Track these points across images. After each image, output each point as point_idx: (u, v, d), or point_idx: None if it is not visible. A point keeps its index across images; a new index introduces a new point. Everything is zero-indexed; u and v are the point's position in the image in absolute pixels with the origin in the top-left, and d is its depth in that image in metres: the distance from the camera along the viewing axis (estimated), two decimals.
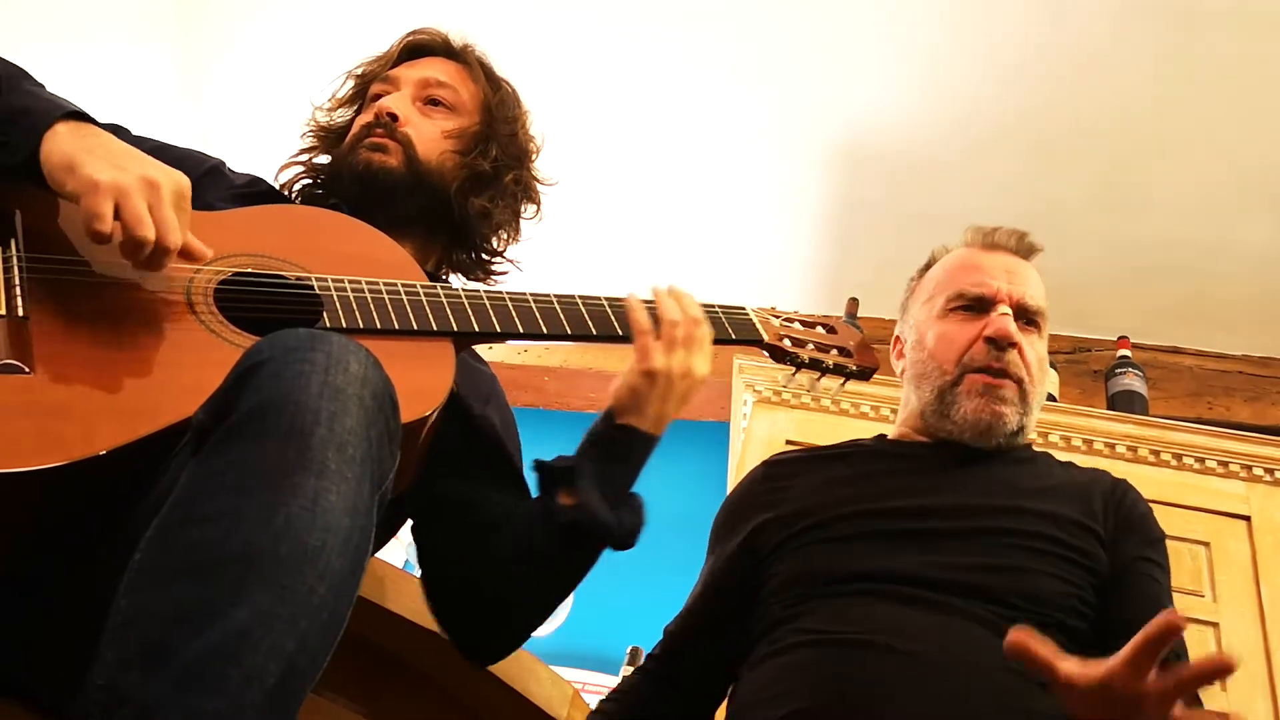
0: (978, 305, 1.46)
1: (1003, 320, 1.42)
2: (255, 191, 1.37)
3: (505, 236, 1.49)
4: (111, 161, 1.02)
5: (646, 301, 1.28)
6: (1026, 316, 1.46)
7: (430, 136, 1.40)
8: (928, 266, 1.58)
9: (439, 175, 1.39)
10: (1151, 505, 1.42)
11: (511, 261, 1.50)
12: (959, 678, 1.16)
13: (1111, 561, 1.32)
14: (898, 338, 1.58)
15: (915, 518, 1.33)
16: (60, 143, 1.04)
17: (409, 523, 1.36)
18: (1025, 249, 1.52)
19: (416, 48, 1.50)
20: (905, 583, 1.26)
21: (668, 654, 1.46)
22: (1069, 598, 1.26)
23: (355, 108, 1.50)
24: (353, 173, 1.37)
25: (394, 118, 1.39)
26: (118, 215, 0.99)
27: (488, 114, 1.46)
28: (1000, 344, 1.41)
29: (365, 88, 1.49)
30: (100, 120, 1.28)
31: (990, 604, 1.23)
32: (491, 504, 1.27)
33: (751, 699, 1.27)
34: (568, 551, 1.21)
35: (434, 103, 1.43)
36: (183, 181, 1.05)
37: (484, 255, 1.47)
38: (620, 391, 1.23)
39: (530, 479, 1.30)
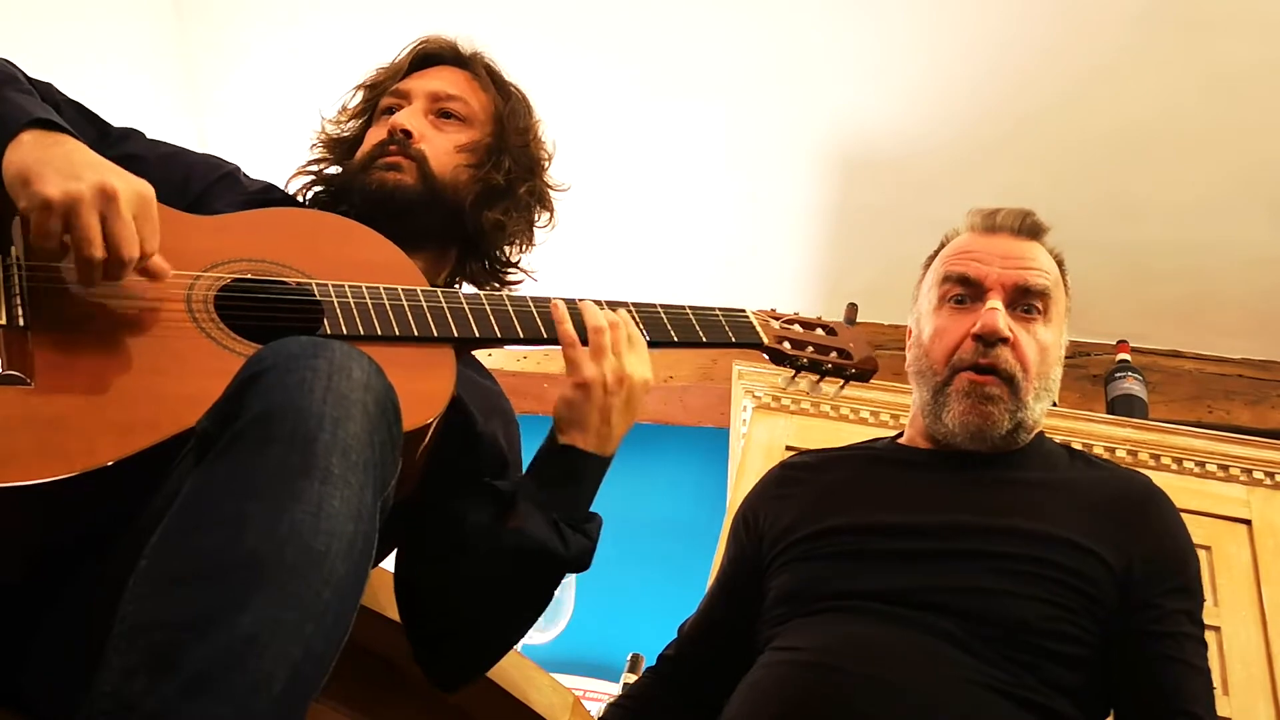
0: (971, 296, 1.40)
1: (991, 315, 1.36)
2: (269, 199, 1.35)
3: (519, 246, 1.48)
4: (68, 173, 0.99)
5: (570, 308, 1.24)
6: (1026, 303, 1.39)
7: (444, 151, 1.38)
8: (938, 250, 1.51)
9: (453, 190, 1.37)
10: None
11: (526, 271, 1.49)
12: (907, 691, 1.14)
13: (1129, 603, 1.25)
14: (909, 329, 1.52)
15: (902, 537, 1.30)
16: (21, 153, 1.01)
17: None
18: (1029, 229, 1.45)
19: (425, 57, 1.48)
20: (879, 600, 1.24)
21: (681, 655, 1.45)
22: (1057, 622, 1.21)
23: (365, 119, 1.48)
24: (367, 191, 1.34)
25: (407, 134, 1.37)
26: (69, 231, 0.97)
27: (499, 124, 1.44)
28: (988, 340, 1.35)
29: (375, 99, 1.47)
30: (113, 125, 1.28)
31: (965, 622, 1.20)
32: (469, 524, 1.21)
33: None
34: (519, 575, 1.17)
35: (445, 115, 1.41)
36: (144, 189, 1.02)
37: (498, 266, 1.47)
38: (558, 408, 1.20)
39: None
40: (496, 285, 1.47)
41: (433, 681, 1.24)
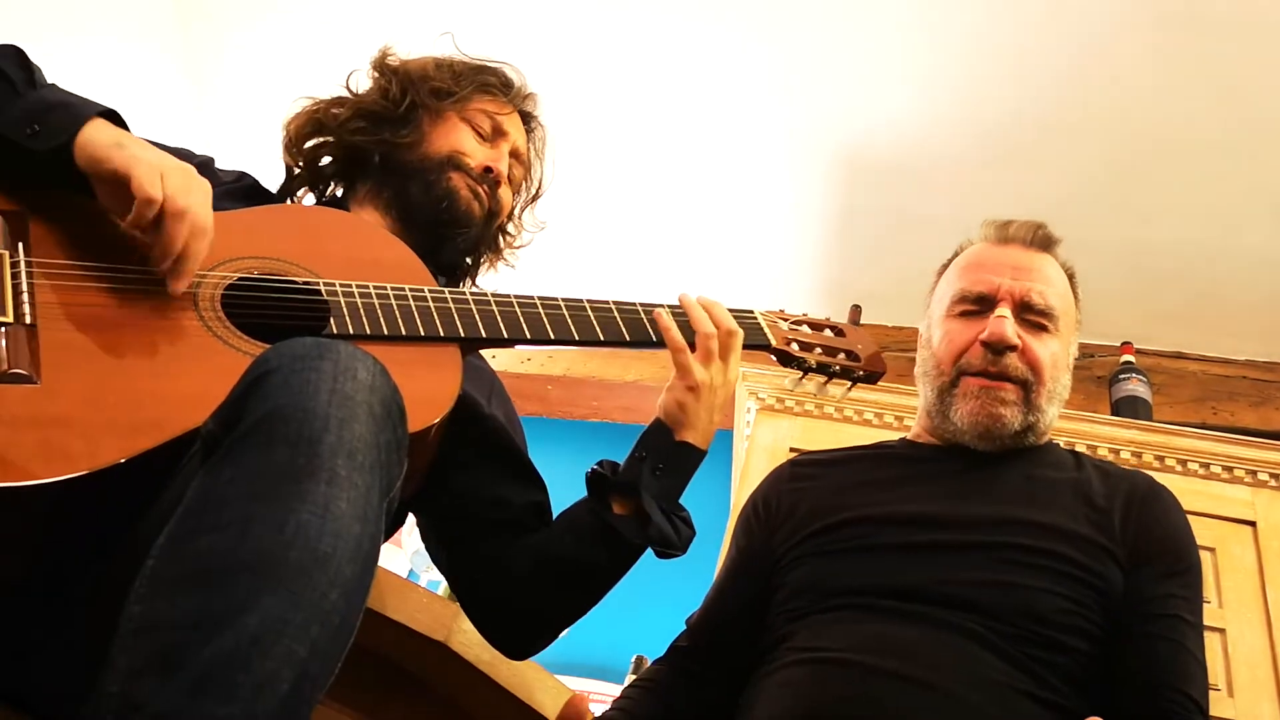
0: (981, 305, 1.42)
1: (998, 323, 1.38)
2: (241, 187, 1.37)
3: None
4: (151, 151, 1.07)
5: (673, 310, 1.29)
6: (1033, 314, 1.41)
7: (505, 205, 1.50)
8: (952, 259, 1.53)
9: (492, 235, 1.51)
10: None
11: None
12: (941, 694, 1.15)
13: (1127, 591, 1.26)
14: (920, 332, 1.54)
15: (917, 529, 1.30)
16: (101, 131, 1.08)
17: (417, 528, 1.37)
18: (1040, 241, 1.47)
19: (510, 92, 1.51)
20: (898, 597, 1.24)
21: (693, 644, 1.45)
22: (1071, 615, 1.22)
23: (460, 102, 1.47)
24: (442, 187, 1.40)
25: (499, 183, 1.45)
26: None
27: (523, 175, 1.54)
28: (995, 348, 1.37)
29: (470, 95, 1.47)
30: None
31: (986, 619, 1.20)
32: (514, 501, 1.31)
33: None
34: (616, 559, 1.25)
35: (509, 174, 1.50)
36: (206, 183, 1.09)
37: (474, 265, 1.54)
38: (669, 408, 1.27)
39: (551, 484, 1.34)
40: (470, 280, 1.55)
41: (504, 653, 1.32)
